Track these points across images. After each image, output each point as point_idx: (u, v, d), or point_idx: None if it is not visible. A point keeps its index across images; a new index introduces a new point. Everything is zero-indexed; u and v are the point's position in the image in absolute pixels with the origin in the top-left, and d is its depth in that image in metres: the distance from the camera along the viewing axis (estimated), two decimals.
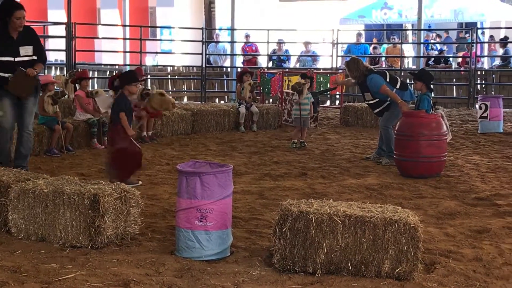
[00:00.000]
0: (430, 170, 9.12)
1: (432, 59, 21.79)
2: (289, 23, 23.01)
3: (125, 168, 8.24)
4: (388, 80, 10.13)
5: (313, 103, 14.00)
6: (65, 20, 18.41)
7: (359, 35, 23.12)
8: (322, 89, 15.08)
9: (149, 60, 24.73)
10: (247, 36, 21.59)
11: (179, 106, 14.61)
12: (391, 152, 9.79)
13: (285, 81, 15.27)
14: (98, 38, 23.82)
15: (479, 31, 21.73)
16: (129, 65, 19.66)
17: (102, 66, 21.97)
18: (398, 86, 10.07)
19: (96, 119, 11.46)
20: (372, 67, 10.93)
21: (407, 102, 10.05)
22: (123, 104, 8.38)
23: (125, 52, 20.99)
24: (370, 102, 10.41)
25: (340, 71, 17.26)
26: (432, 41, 25.08)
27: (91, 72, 20.04)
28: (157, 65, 23.03)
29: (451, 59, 21.85)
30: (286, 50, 21.78)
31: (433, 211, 7.30)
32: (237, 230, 6.35)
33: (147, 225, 6.48)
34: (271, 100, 17.78)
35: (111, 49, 21.43)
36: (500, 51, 23.83)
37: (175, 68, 21.63)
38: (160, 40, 27.23)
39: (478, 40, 19.84)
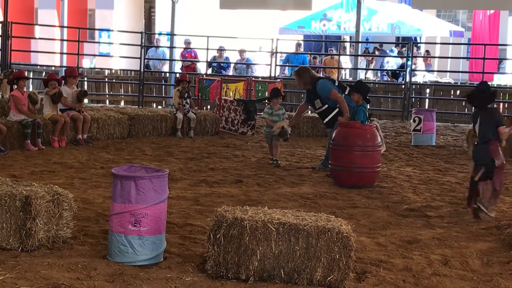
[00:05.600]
0: (364, 180, 9.25)
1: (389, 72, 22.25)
2: (230, 31, 23.06)
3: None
4: (336, 85, 10.23)
5: (251, 111, 14.09)
6: (1, 19, 18.02)
7: (298, 45, 23.32)
8: (260, 97, 15.14)
9: (86, 63, 24.40)
10: (187, 43, 21.53)
11: (116, 110, 14.48)
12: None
13: (224, 88, 15.29)
14: (35, 38, 23.37)
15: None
16: (65, 66, 19.35)
17: (38, 67, 21.58)
18: (346, 92, 10.10)
19: (30, 120, 11.25)
20: (320, 75, 10.92)
21: (353, 108, 9.98)
22: None
23: (62, 53, 20.66)
24: (319, 110, 10.37)
25: (278, 80, 17.38)
26: (370, 54, 25.52)
27: (26, 72, 19.64)
28: (94, 68, 22.76)
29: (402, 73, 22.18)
30: (227, 58, 21.82)
31: (365, 220, 7.41)
32: (171, 235, 6.32)
33: (79, 229, 6.39)
34: (209, 106, 17.76)
35: (48, 50, 21.07)
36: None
37: (113, 71, 21.40)
38: (99, 42, 26.91)
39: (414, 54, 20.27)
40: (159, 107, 19.66)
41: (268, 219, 5.21)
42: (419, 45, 25.99)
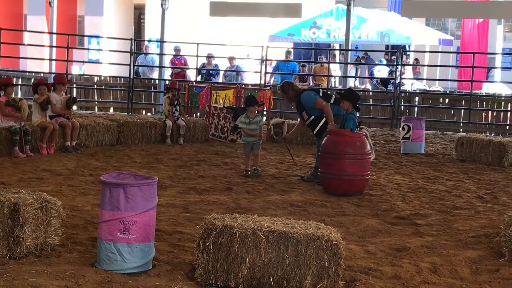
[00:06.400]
0: (354, 188, 9.26)
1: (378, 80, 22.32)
2: (220, 38, 23.08)
3: None
4: (321, 95, 10.22)
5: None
6: None
7: (288, 52, 23.36)
8: None
9: (75, 69, 24.35)
10: (177, 50, 21.53)
11: (105, 116, 14.44)
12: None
13: (213, 95, 15.29)
14: (23, 44, 23.29)
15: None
16: (54, 73, 19.29)
17: (27, 73, 21.51)
18: (332, 101, 10.11)
19: (18, 127, 11.21)
20: (304, 87, 10.86)
21: (342, 116, 9.99)
22: None
23: (51, 60, 20.61)
24: (308, 121, 10.35)
25: (268, 87, 17.39)
26: (359, 61, 25.60)
27: (15, 79, 19.59)
28: (83, 75, 22.70)
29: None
30: (216, 65, 21.83)
31: (355, 228, 7.41)
32: (160, 243, 6.30)
33: (68, 236, 6.36)
34: (198, 114, 17.75)
35: (36, 56, 21.01)
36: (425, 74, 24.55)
37: (102, 78, 21.36)
38: (88, 49, 26.88)
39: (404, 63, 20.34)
40: (149, 114, 19.63)
41: (258, 227, 5.20)
42: (408, 53, 26.08)
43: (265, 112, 17.78)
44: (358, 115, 9.98)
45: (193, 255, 5.64)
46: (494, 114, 18.68)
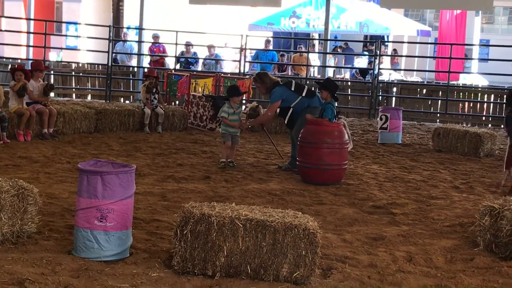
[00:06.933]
0: (331, 177, 9.31)
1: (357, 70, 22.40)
2: (199, 26, 23.00)
3: None
4: (293, 88, 10.23)
5: (220, 107, 14.06)
6: None
7: (267, 41, 23.33)
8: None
9: (53, 56, 24.16)
10: (156, 37, 21.41)
11: (83, 104, 14.36)
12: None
13: (192, 83, 15.25)
14: (0, 30, 23.03)
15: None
16: (32, 59, 19.12)
17: (4, 59, 21.29)
18: (304, 94, 10.16)
19: None
20: (278, 79, 10.86)
21: (316, 108, 10.05)
22: None
23: (28, 46, 20.42)
24: (277, 112, 10.50)
25: (247, 76, 17.38)
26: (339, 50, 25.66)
27: None
28: (61, 61, 22.52)
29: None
30: (195, 53, 21.75)
31: (332, 217, 7.45)
32: (138, 231, 6.30)
33: (44, 224, 6.34)
34: (177, 102, 17.70)
35: (14, 43, 20.82)
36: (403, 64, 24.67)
37: (80, 65, 21.21)
38: (66, 35, 26.67)
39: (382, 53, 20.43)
40: (127, 101, 19.53)
41: (236, 215, 5.22)
42: (386, 43, 26.18)
43: (244, 101, 17.77)
44: (336, 104, 10.03)
45: (170, 243, 5.65)
46: (471, 105, 18.83)
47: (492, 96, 18.47)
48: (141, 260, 5.52)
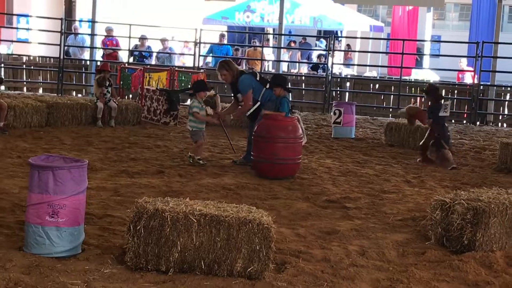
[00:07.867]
0: (285, 172, 9.34)
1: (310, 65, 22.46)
2: (153, 20, 22.81)
3: None
4: (258, 79, 10.20)
5: (174, 101, 14.00)
6: None
7: (222, 36, 23.28)
8: (183, 87, 15.05)
9: (3, 49, 23.71)
10: (109, 30, 21.18)
11: (34, 97, 14.14)
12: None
13: (146, 77, 15.14)
14: None
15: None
16: None
17: None
18: (268, 86, 10.10)
19: None
20: (242, 68, 10.75)
21: (274, 102, 9.97)
22: None
23: None
24: (241, 103, 10.31)
25: (201, 70, 17.32)
26: (292, 46, 25.74)
27: None
28: (12, 54, 22.13)
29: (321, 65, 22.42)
30: (149, 47, 21.59)
31: (286, 212, 7.48)
32: (90, 227, 6.23)
33: None
34: (131, 95, 17.55)
35: None
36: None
37: (31, 58, 20.88)
38: (17, 28, 26.18)
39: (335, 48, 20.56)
40: (79, 95, 19.30)
41: (190, 211, 5.19)
42: (340, 39, 26.35)
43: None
44: (290, 98, 10.02)
45: (123, 238, 5.60)
46: (423, 100, 19.08)
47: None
48: (93, 256, 5.46)
